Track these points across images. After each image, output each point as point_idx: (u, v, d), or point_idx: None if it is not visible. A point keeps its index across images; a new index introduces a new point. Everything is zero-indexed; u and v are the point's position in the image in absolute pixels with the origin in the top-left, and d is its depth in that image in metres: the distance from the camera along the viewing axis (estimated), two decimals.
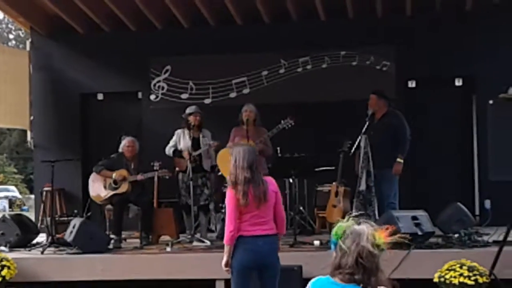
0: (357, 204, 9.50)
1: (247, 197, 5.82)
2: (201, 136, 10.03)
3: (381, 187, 9.55)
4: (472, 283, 7.46)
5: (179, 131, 10.20)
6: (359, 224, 3.49)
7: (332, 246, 3.57)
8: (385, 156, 9.49)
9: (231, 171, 5.93)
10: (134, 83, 12.79)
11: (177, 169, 10.14)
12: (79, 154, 12.56)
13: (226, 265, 5.99)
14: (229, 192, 5.96)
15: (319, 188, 11.09)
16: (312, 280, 3.57)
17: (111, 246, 9.43)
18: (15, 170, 51.04)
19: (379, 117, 9.77)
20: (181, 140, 10.10)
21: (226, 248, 5.98)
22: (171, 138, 10.27)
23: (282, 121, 9.78)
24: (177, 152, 10.10)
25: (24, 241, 9.78)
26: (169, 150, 10.18)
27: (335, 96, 11.84)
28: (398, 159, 9.54)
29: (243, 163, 5.87)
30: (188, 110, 10.16)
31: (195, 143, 9.97)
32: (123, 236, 10.04)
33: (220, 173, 10.12)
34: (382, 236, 3.48)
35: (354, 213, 9.43)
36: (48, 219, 10.34)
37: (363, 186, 9.44)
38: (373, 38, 11.94)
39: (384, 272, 3.51)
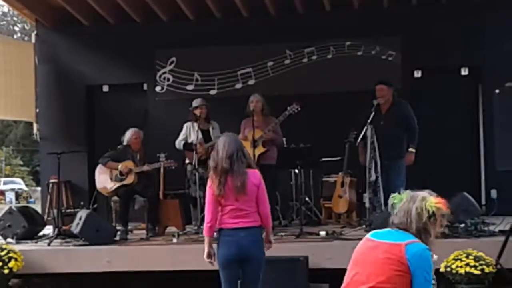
0: (370, 194, 9.49)
1: (222, 188, 5.76)
2: (210, 128, 10.05)
3: (391, 177, 9.52)
4: (479, 272, 7.45)
5: (188, 124, 10.22)
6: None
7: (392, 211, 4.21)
8: (396, 147, 9.48)
9: (212, 159, 5.90)
10: (139, 75, 12.79)
11: (187, 161, 10.16)
12: (85, 146, 12.59)
13: (208, 256, 5.96)
14: (208, 183, 5.92)
15: (325, 179, 11.07)
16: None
17: (117, 238, 9.45)
18: (21, 163, 51.22)
19: (386, 107, 9.71)
20: (191, 132, 10.11)
21: (205, 239, 5.95)
22: (177, 129, 10.29)
23: (288, 107, 9.75)
24: (188, 145, 10.10)
25: (31, 233, 9.80)
26: (179, 143, 10.20)
27: (340, 86, 11.83)
28: (410, 149, 9.52)
29: (223, 153, 5.82)
30: (194, 103, 10.18)
31: (206, 135, 9.98)
32: (129, 227, 10.05)
33: None
34: (435, 202, 4.12)
35: (367, 205, 9.48)
36: (55, 211, 10.36)
37: (373, 177, 9.42)
38: (378, 28, 11.91)
39: (434, 241, 4.05)
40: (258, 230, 5.96)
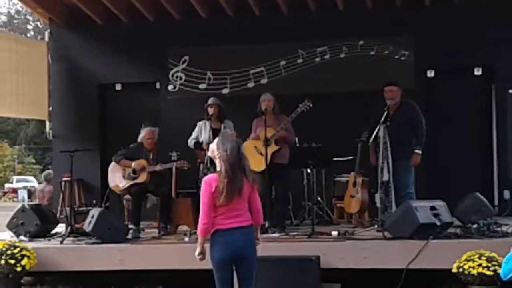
0: (381, 194, 9.47)
1: (227, 191, 5.78)
2: (222, 127, 10.03)
3: (399, 177, 9.50)
4: (491, 273, 7.42)
5: (200, 122, 10.24)
6: None
7: None
8: (403, 147, 9.46)
9: (222, 163, 5.88)
10: (152, 74, 12.81)
11: (198, 160, 10.18)
12: (98, 144, 12.61)
13: (199, 254, 5.99)
14: (203, 184, 5.89)
15: (337, 178, 11.06)
16: None
17: (129, 236, 9.46)
18: (33, 161, 51.43)
19: (395, 108, 9.68)
20: (203, 131, 10.14)
21: (200, 240, 5.97)
22: (189, 128, 10.32)
23: (300, 105, 9.70)
24: (198, 144, 10.13)
25: (43, 231, 9.84)
26: (190, 142, 10.24)
27: (353, 86, 11.80)
28: (417, 151, 9.50)
29: (230, 157, 5.85)
30: (208, 101, 10.20)
31: (215, 134, 9.97)
32: (141, 226, 10.06)
33: None
34: None
35: (378, 204, 9.54)
36: (67, 209, 10.39)
37: (386, 177, 9.40)
38: (391, 28, 11.88)
39: None
40: (251, 229, 5.99)
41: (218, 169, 5.93)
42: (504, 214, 10.36)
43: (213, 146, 6.03)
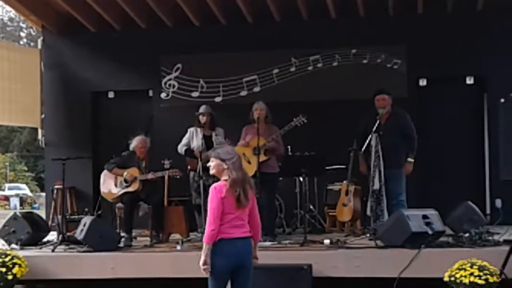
0: (372, 203, 9.47)
1: (244, 197, 5.78)
2: (213, 134, 10.02)
3: (391, 186, 9.50)
4: (483, 282, 7.42)
5: (191, 129, 10.21)
6: None
7: None
8: (395, 155, 9.45)
9: (231, 171, 5.86)
10: (145, 81, 12.82)
11: (189, 167, 10.16)
12: (90, 152, 12.60)
13: (205, 263, 5.81)
14: (213, 191, 5.80)
15: (329, 187, 11.07)
16: None
17: (121, 244, 9.43)
18: (25, 168, 51.30)
19: (386, 117, 9.67)
20: (194, 138, 10.11)
21: (205, 247, 5.80)
22: (182, 136, 10.29)
23: (294, 119, 9.69)
24: (189, 152, 10.11)
25: (35, 239, 9.80)
26: (181, 148, 10.20)
27: (345, 94, 11.84)
28: (409, 159, 9.52)
29: (237, 163, 5.85)
30: (199, 110, 10.18)
31: (207, 142, 9.96)
32: (133, 234, 10.04)
33: None
34: None
35: (368, 213, 9.58)
36: (59, 217, 10.36)
37: (377, 185, 9.39)
38: (384, 36, 11.92)
39: None
40: (250, 240, 5.96)
41: (224, 178, 5.90)
42: (496, 223, 10.36)
43: (216, 161, 5.93)
